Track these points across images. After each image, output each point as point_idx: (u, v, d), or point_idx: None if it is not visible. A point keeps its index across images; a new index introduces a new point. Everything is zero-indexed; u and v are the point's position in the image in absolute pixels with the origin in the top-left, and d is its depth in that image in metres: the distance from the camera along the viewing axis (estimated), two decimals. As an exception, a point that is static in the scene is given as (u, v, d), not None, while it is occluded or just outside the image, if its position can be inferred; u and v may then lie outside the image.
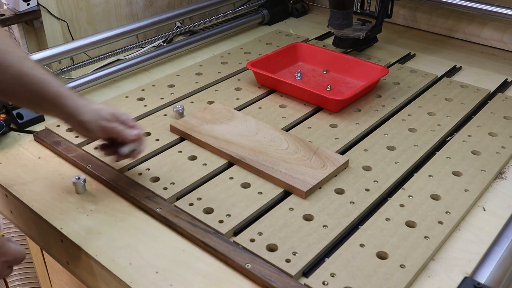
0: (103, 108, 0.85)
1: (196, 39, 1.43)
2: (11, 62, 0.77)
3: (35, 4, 1.19)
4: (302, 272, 0.72)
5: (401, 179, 0.91)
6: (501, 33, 1.40)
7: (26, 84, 0.78)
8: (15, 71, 0.78)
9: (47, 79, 0.79)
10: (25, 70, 0.78)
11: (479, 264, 0.66)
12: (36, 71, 0.79)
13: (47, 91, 0.79)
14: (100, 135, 0.85)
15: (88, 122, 0.82)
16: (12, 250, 0.69)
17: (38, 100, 0.80)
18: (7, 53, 0.78)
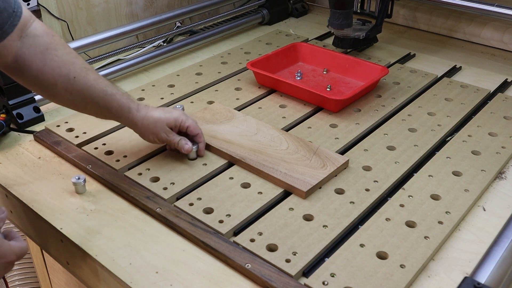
0: (165, 118, 0.89)
1: (196, 39, 1.43)
2: (76, 73, 0.82)
3: (35, 4, 1.19)
4: (302, 272, 0.72)
5: (401, 179, 0.91)
6: (501, 33, 1.40)
7: (92, 97, 0.83)
8: (81, 83, 0.82)
9: (109, 91, 0.84)
10: (90, 83, 0.83)
11: (479, 264, 0.66)
12: (100, 83, 0.84)
13: (111, 105, 0.85)
14: (160, 143, 0.93)
15: (144, 135, 0.91)
16: (13, 248, 0.69)
17: (103, 111, 0.86)
18: (72, 64, 0.82)
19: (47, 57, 0.79)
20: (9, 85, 1.04)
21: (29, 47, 0.78)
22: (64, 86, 0.81)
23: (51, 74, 0.80)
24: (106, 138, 1.01)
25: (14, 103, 1.05)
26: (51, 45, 0.80)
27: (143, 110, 0.88)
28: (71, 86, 0.81)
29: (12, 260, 0.68)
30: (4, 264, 0.68)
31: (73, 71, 0.81)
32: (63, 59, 0.81)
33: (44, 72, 0.79)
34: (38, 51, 0.79)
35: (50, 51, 0.80)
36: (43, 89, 0.82)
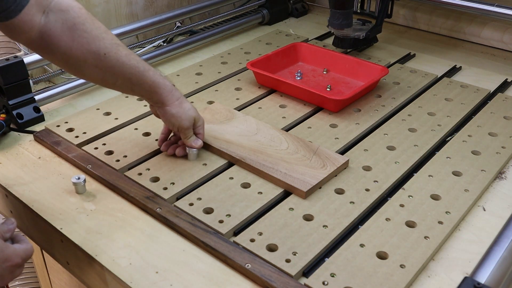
0: (189, 111, 0.89)
1: (196, 39, 1.43)
2: (107, 50, 0.79)
3: (35, 4, 1.19)
4: (302, 272, 0.72)
5: (401, 179, 0.91)
6: (501, 33, 1.40)
7: (124, 73, 0.81)
8: (113, 59, 0.79)
9: (142, 67, 0.83)
10: (122, 59, 0.80)
11: (479, 264, 0.66)
12: (132, 59, 0.82)
13: (144, 80, 0.83)
14: (174, 130, 0.92)
15: (173, 116, 0.88)
16: (17, 251, 0.68)
17: (135, 87, 0.84)
18: (102, 40, 0.78)
19: (76, 33, 0.76)
20: (9, 85, 1.04)
21: (55, 23, 0.75)
22: (94, 63, 0.78)
23: (80, 51, 0.77)
24: (106, 138, 1.01)
25: (14, 103, 1.05)
26: (79, 19, 0.77)
27: (177, 93, 0.88)
28: (102, 63, 0.78)
29: (17, 263, 0.68)
30: (10, 268, 0.67)
31: (103, 47, 0.78)
32: (92, 34, 0.77)
33: (73, 49, 0.76)
34: (65, 27, 0.75)
35: (78, 26, 0.76)
36: (71, 67, 0.80)
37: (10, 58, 1.06)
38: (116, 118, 1.07)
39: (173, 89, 0.88)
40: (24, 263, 0.70)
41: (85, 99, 1.19)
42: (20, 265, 0.69)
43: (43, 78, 1.19)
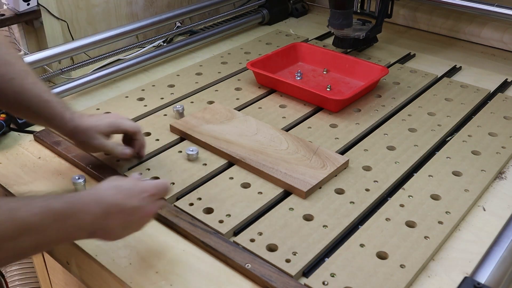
0: (95, 125, 0.86)
1: (196, 39, 1.43)
2: (14, 75, 0.80)
3: (35, 4, 1.19)
4: (302, 272, 0.72)
5: (401, 179, 0.91)
6: (501, 33, 1.40)
7: (26, 100, 0.81)
8: (17, 85, 0.80)
9: (45, 98, 0.82)
10: (27, 86, 0.81)
11: (479, 264, 0.66)
12: (37, 89, 0.82)
13: (43, 112, 0.83)
14: (97, 151, 0.91)
15: (80, 146, 0.89)
16: (152, 183, 0.71)
17: (34, 117, 0.85)
18: (12, 65, 0.80)
19: None
20: (9, 85, 1.03)
21: None
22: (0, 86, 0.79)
23: None
24: (106, 138, 1.01)
25: (14, 103, 1.05)
26: None
27: (75, 120, 0.84)
28: (7, 87, 0.79)
29: (153, 193, 0.70)
30: (147, 198, 0.68)
31: (11, 72, 0.79)
32: (3, 58, 0.79)
33: None
34: None
35: None
36: None
37: (10, 58, 1.06)
38: (116, 118, 1.07)
39: (72, 118, 0.85)
40: (161, 194, 0.72)
41: (85, 99, 1.19)
42: (156, 195, 0.71)
43: (43, 78, 1.19)
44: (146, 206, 0.69)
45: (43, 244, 0.61)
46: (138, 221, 0.70)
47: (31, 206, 0.58)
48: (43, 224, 0.58)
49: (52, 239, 0.60)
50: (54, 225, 0.59)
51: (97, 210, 0.63)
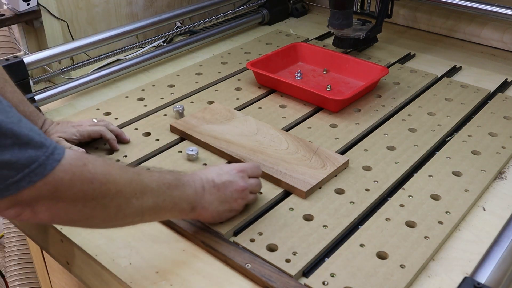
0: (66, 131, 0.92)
1: (196, 39, 1.43)
2: None
3: (35, 4, 1.19)
4: (302, 272, 0.72)
5: (401, 179, 0.91)
6: (501, 33, 1.40)
7: None
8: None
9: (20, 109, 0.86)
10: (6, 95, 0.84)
11: (479, 264, 0.66)
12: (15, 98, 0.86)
13: None
14: None
15: None
16: (241, 163, 0.79)
17: None
18: None
19: None
20: (9, 85, 1.03)
21: None
22: None
23: None
24: (106, 138, 1.01)
25: (14, 103, 1.05)
26: None
27: (43, 128, 0.91)
28: None
29: (240, 169, 0.78)
30: (235, 174, 0.77)
31: None
32: None
33: None
34: None
35: None
36: None
37: (10, 58, 1.06)
38: (116, 118, 1.07)
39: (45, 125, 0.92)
40: (250, 171, 0.79)
41: (85, 99, 1.19)
42: (244, 171, 0.78)
43: (43, 78, 1.19)
44: (236, 180, 0.77)
45: (159, 209, 0.67)
46: (232, 195, 0.76)
47: (150, 174, 0.67)
48: (159, 190, 0.67)
49: (165, 205, 0.68)
50: (167, 192, 0.68)
51: (197, 185, 0.73)
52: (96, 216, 0.61)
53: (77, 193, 0.57)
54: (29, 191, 0.53)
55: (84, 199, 0.58)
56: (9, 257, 1.51)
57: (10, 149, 0.52)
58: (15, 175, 0.52)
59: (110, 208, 0.61)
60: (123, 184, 0.62)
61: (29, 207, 0.55)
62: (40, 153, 0.54)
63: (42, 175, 0.54)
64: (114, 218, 0.63)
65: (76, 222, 0.62)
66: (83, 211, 0.59)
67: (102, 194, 0.60)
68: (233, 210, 0.78)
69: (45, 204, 0.56)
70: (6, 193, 0.52)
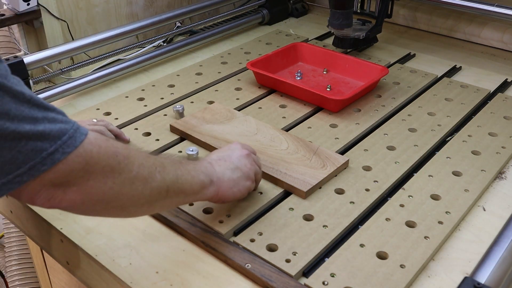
0: None
1: (196, 39, 1.43)
2: None
3: (35, 4, 1.19)
4: (302, 272, 0.72)
5: (401, 179, 0.91)
6: (501, 33, 1.40)
7: None
8: None
9: None
10: None
11: (479, 264, 0.66)
12: None
13: None
14: None
15: None
16: None
17: None
18: None
19: None
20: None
21: None
22: None
23: None
24: (106, 138, 1.01)
25: (14, 103, 1.05)
26: None
27: None
28: None
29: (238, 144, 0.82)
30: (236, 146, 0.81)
31: None
32: None
33: None
34: None
35: None
36: None
37: (10, 58, 1.06)
38: (116, 118, 1.07)
39: None
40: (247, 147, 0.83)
41: (85, 99, 1.19)
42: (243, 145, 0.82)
43: (43, 78, 1.19)
44: (236, 149, 0.81)
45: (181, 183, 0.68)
46: (239, 161, 0.78)
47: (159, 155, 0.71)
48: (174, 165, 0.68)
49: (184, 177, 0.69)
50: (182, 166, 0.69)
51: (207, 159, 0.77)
52: (126, 193, 0.61)
53: (105, 167, 0.57)
54: (63, 165, 0.53)
55: (112, 173, 0.58)
56: (9, 257, 1.51)
57: (42, 122, 0.52)
58: (48, 147, 0.52)
59: (137, 182, 0.61)
60: (143, 159, 0.63)
61: (61, 188, 0.55)
62: (68, 126, 0.54)
63: (73, 146, 0.54)
64: (141, 194, 0.62)
65: (107, 203, 0.61)
66: (112, 188, 0.59)
67: (128, 168, 0.60)
68: (247, 177, 0.79)
69: (76, 182, 0.56)
70: (42, 167, 0.52)
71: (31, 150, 0.51)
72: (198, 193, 0.72)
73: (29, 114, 0.51)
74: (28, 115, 0.51)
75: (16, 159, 0.51)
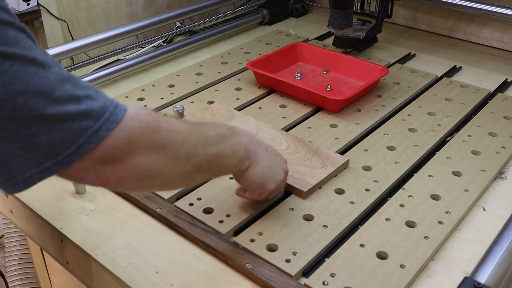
0: None
1: (196, 39, 1.43)
2: None
3: (35, 4, 1.19)
4: (302, 272, 0.72)
5: (401, 179, 0.91)
6: (501, 33, 1.40)
7: None
8: None
9: None
10: None
11: (479, 264, 0.66)
12: None
13: None
14: None
15: None
16: None
17: None
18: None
19: None
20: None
21: None
22: None
23: None
24: (106, 138, 1.01)
25: (14, 103, 1.05)
26: None
27: None
28: None
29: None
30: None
31: None
32: None
33: None
34: None
35: None
36: None
37: (10, 58, 1.06)
38: (116, 118, 1.07)
39: None
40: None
41: (85, 99, 1.19)
42: None
43: (43, 78, 1.19)
44: (283, 161, 0.80)
45: (222, 156, 0.68)
46: (278, 164, 0.78)
47: (206, 126, 0.69)
48: (217, 138, 0.68)
49: (225, 152, 0.69)
50: (225, 141, 0.69)
51: (252, 139, 0.76)
52: (170, 168, 0.61)
53: (148, 142, 0.58)
54: (108, 142, 0.54)
55: (155, 148, 0.58)
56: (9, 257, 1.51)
57: (84, 100, 0.53)
58: (93, 125, 0.53)
59: (180, 157, 0.62)
60: (186, 132, 0.63)
61: (108, 164, 0.56)
62: (108, 103, 0.55)
63: (116, 122, 0.54)
64: (185, 167, 0.63)
65: (153, 178, 0.60)
66: (157, 163, 0.59)
67: (171, 142, 0.60)
68: (277, 181, 0.77)
69: (123, 159, 0.56)
70: (89, 146, 0.53)
71: (77, 130, 0.52)
72: (235, 167, 0.72)
73: (72, 93, 0.52)
74: (71, 95, 0.52)
75: (64, 140, 0.52)
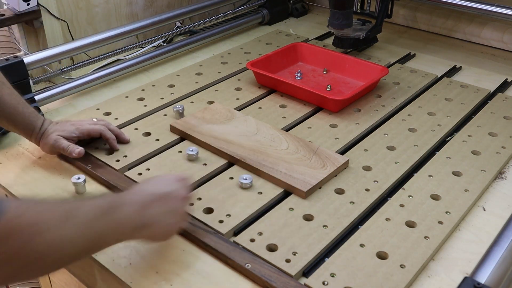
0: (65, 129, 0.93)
1: (196, 39, 1.43)
2: None
3: (35, 4, 1.19)
4: (302, 272, 0.72)
5: (401, 179, 0.91)
6: (501, 33, 1.40)
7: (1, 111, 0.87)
8: None
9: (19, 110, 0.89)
10: (4, 98, 0.87)
11: (479, 264, 0.66)
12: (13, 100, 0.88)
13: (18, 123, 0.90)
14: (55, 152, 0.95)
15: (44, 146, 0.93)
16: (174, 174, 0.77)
17: (11, 127, 0.92)
18: None
19: None
20: (9, 85, 1.03)
21: None
22: None
23: None
24: (106, 138, 1.01)
25: (14, 103, 1.05)
26: None
27: (43, 128, 0.92)
28: None
29: (177, 178, 0.75)
30: (175, 183, 0.73)
31: None
32: None
33: None
34: None
35: None
36: None
37: (10, 58, 1.06)
38: (116, 118, 1.07)
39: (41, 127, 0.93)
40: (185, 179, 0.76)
41: (85, 99, 1.19)
42: (181, 180, 0.75)
43: (43, 78, 1.19)
44: (177, 189, 0.73)
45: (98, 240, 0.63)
46: (175, 203, 0.72)
47: (84, 205, 0.62)
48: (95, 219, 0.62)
49: (104, 234, 0.63)
50: (103, 219, 0.63)
51: (138, 200, 0.68)
52: None
53: None
54: None
55: None
56: (9, 257, 1.50)
57: None
58: None
59: None
60: None
61: None
62: None
63: None
64: None
65: None
66: None
67: None
68: (179, 218, 0.74)
69: None
70: None
71: None
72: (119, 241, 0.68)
73: None
74: None
75: None
